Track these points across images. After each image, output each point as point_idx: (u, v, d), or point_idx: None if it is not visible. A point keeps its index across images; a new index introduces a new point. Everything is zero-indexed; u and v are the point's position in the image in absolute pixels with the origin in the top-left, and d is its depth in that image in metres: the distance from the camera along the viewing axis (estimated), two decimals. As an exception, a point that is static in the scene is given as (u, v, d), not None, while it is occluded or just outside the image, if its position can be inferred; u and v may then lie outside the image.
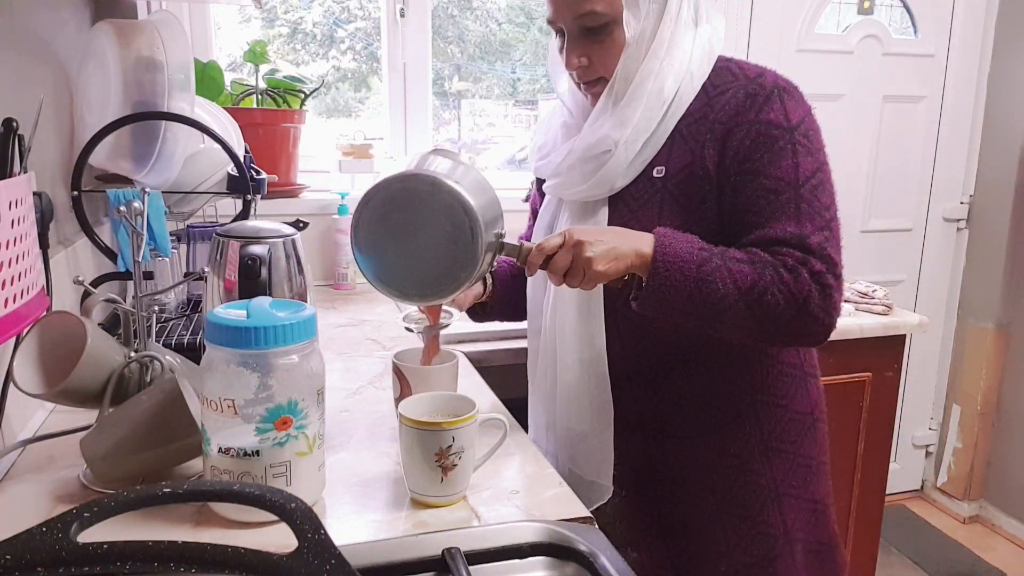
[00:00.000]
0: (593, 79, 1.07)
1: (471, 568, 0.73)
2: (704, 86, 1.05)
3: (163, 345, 1.11)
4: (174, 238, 1.50)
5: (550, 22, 1.07)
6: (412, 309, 1.15)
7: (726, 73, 1.05)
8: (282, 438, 0.78)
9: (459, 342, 1.53)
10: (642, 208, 1.05)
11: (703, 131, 1.02)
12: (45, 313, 0.87)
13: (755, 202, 0.99)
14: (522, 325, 1.59)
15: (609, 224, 1.07)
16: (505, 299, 1.27)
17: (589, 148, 1.07)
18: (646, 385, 1.11)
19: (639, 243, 0.96)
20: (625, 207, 1.07)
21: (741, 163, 0.99)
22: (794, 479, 1.11)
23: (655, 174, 1.05)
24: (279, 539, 0.75)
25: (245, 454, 0.78)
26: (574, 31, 1.04)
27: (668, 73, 1.03)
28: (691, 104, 1.04)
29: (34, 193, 0.88)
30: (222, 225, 1.19)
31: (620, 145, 1.04)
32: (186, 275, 1.50)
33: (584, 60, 1.05)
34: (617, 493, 1.12)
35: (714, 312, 0.95)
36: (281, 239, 1.12)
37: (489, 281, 1.26)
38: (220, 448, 0.79)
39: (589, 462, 1.13)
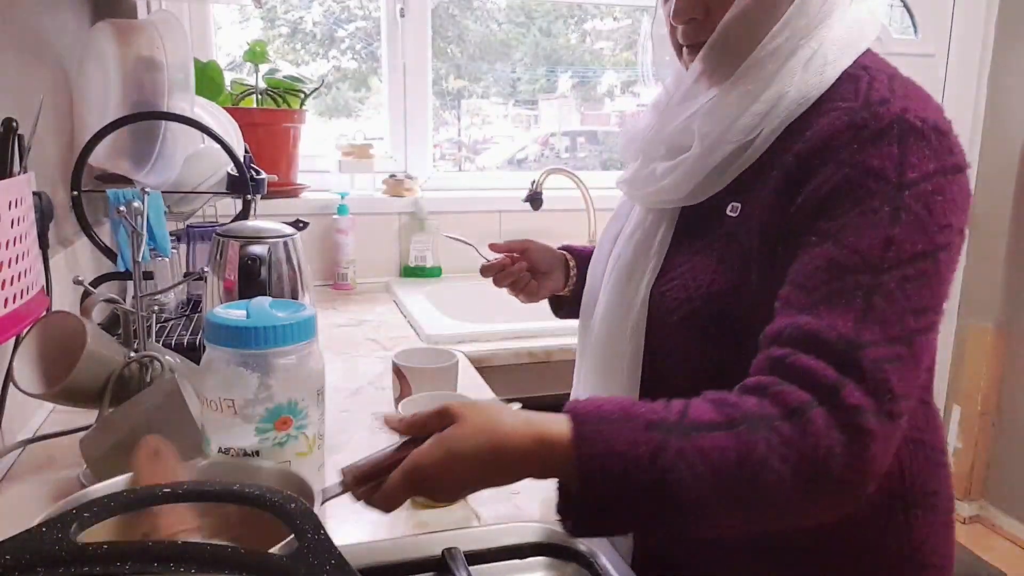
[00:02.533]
0: (702, 42, 0.78)
1: (471, 568, 0.73)
2: (819, 98, 0.74)
3: (163, 345, 1.11)
4: (174, 238, 1.50)
5: None
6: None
7: (850, 84, 0.73)
8: (282, 438, 0.78)
9: (459, 342, 1.53)
10: (704, 249, 0.78)
11: (776, 164, 0.73)
12: (45, 313, 0.87)
13: (812, 276, 0.67)
14: (521, 324, 1.60)
15: (668, 253, 0.82)
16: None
17: (672, 133, 0.82)
18: None
19: (523, 459, 0.62)
20: (687, 239, 0.81)
21: (811, 216, 0.69)
22: None
23: (729, 211, 0.77)
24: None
25: (245, 454, 0.77)
26: None
27: (801, 61, 0.74)
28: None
29: (34, 193, 0.88)
30: (222, 225, 1.19)
31: (704, 142, 0.77)
32: (186, 275, 1.50)
33: (699, 13, 0.77)
34: None
35: (684, 518, 0.61)
36: (281, 239, 1.12)
37: (572, 272, 1.08)
38: (220, 448, 0.78)
39: None
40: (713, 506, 0.60)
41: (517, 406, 0.65)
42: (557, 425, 0.63)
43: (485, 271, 1.08)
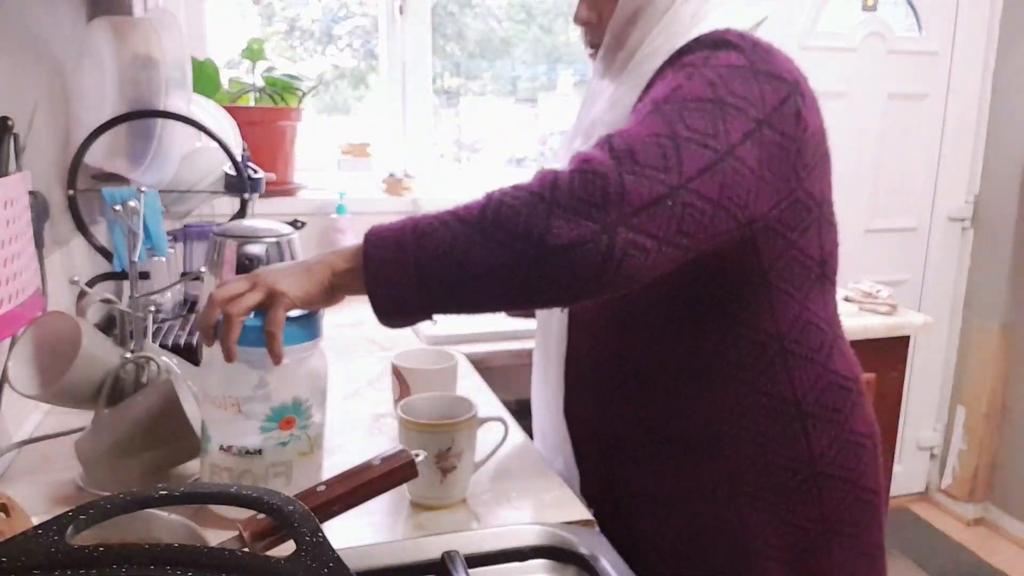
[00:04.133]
0: (599, 42, 0.92)
1: (471, 571, 0.73)
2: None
3: (159, 346, 1.10)
4: (171, 237, 1.49)
5: None
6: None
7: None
8: (285, 438, 0.78)
9: (459, 342, 1.52)
10: None
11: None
12: (40, 313, 0.86)
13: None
14: (521, 325, 1.59)
15: None
16: None
17: (587, 128, 0.93)
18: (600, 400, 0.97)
19: (342, 249, 0.78)
20: None
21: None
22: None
23: None
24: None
25: (247, 452, 0.77)
26: None
27: (673, 49, 0.86)
28: None
29: (29, 192, 0.87)
30: (219, 224, 1.18)
31: (608, 131, 0.84)
32: (183, 275, 1.49)
33: (593, 18, 0.91)
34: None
35: (455, 266, 0.72)
36: (278, 239, 1.12)
37: None
38: (221, 446, 0.78)
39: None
40: (471, 250, 0.71)
41: (422, 456, 0.70)
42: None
43: None
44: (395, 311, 0.77)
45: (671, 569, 0.93)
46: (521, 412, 1.17)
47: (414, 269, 0.72)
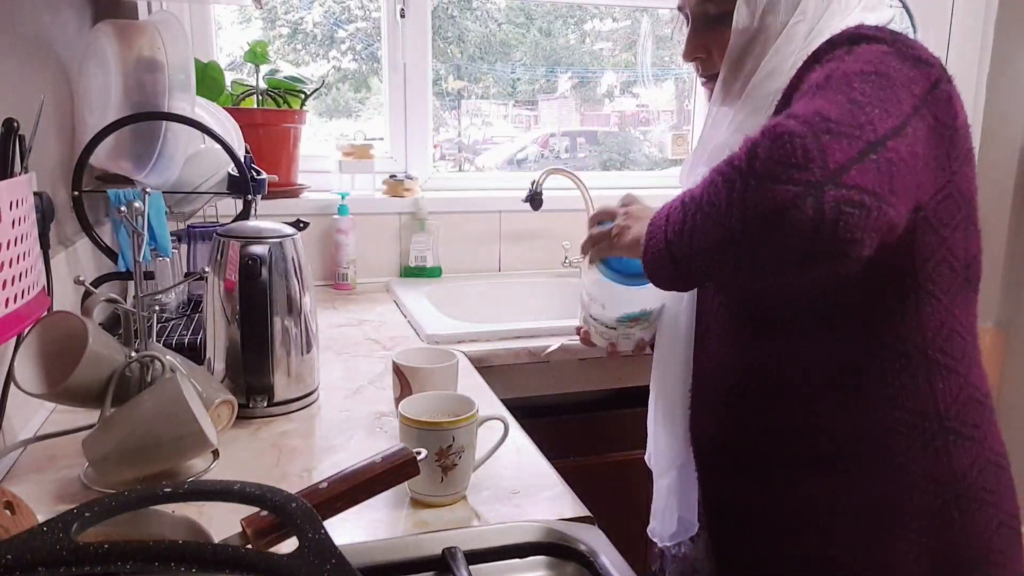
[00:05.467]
0: (712, 74, 0.95)
1: (471, 567, 0.73)
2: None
3: (164, 345, 1.11)
4: (175, 238, 1.50)
5: (679, 8, 0.97)
6: None
7: None
8: (626, 329, 1.07)
9: (459, 342, 1.53)
10: None
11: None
12: (46, 313, 0.87)
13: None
14: (521, 324, 1.60)
15: None
16: None
17: (710, 153, 0.94)
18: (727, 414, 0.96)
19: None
20: None
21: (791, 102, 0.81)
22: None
23: None
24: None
25: (606, 327, 1.07)
26: (697, 17, 0.93)
27: (798, 65, 0.85)
28: None
29: (35, 193, 0.88)
30: (223, 225, 1.19)
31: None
32: (187, 275, 1.50)
33: (702, 53, 0.94)
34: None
35: (690, 243, 0.74)
36: (281, 239, 1.12)
37: None
38: (592, 315, 1.08)
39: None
40: (699, 225, 0.73)
41: (423, 454, 0.72)
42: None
43: None
44: (666, 281, 0.81)
45: None
46: (521, 410, 1.18)
47: (665, 246, 0.77)
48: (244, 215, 1.43)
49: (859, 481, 0.84)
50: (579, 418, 1.61)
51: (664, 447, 1.04)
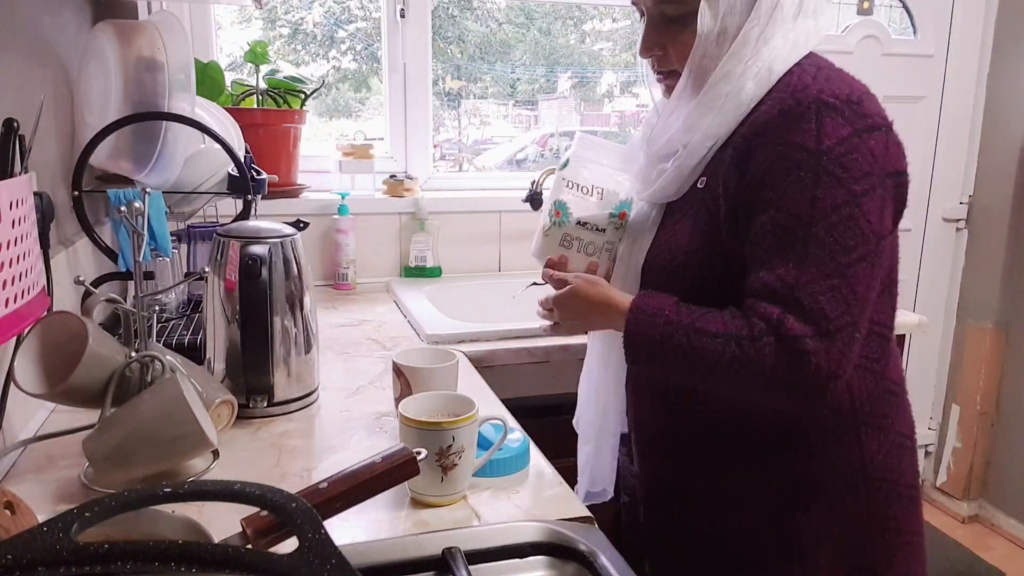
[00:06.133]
0: (668, 70, 1.00)
1: (471, 567, 0.73)
2: (768, 90, 0.93)
3: (163, 345, 1.11)
4: (175, 238, 1.50)
5: (633, 3, 1.00)
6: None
7: (786, 79, 0.91)
8: (617, 223, 1.08)
9: (459, 342, 1.53)
10: (682, 219, 0.99)
11: (728, 145, 0.93)
12: (46, 313, 0.87)
13: (763, 237, 0.88)
14: (521, 324, 1.60)
15: (657, 232, 1.02)
16: None
17: (661, 146, 1.00)
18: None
19: (611, 319, 0.98)
20: (670, 216, 1.02)
21: (756, 190, 0.88)
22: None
23: (699, 184, 0.97)
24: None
25: (596, 229, 1.08)
26: (654, 16, 0.97)
27: (750, 75, 0.92)
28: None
29: (35, 193, 0.88)
30: (223, 225, 1.19)
31: (686, 151, 0.96)
32: (187, 275, 1.50)
33: (659, 51, 0.98)
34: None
35: (691, 383, 0.96)
36: (281, 239, 1.12)
37: None
38: (578, 220, 1.08)
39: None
40: (689, 375, 0.92)
41: (423, 454, 0.73)
42: (626, 303, 0.96)
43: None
44: (639, 351, 0.95)
45: (717, 560, 1.01)
46: (520, 410, 1.18)
47: (662, 370, 0.96)
48: (244, 215, 1.43)
49: (779, 465, 0.97)
50: (579, 418, 1.61)
51: (592, 418, 1.17)
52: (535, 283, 1.22)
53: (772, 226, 0.87)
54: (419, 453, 0.71)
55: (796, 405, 0.91)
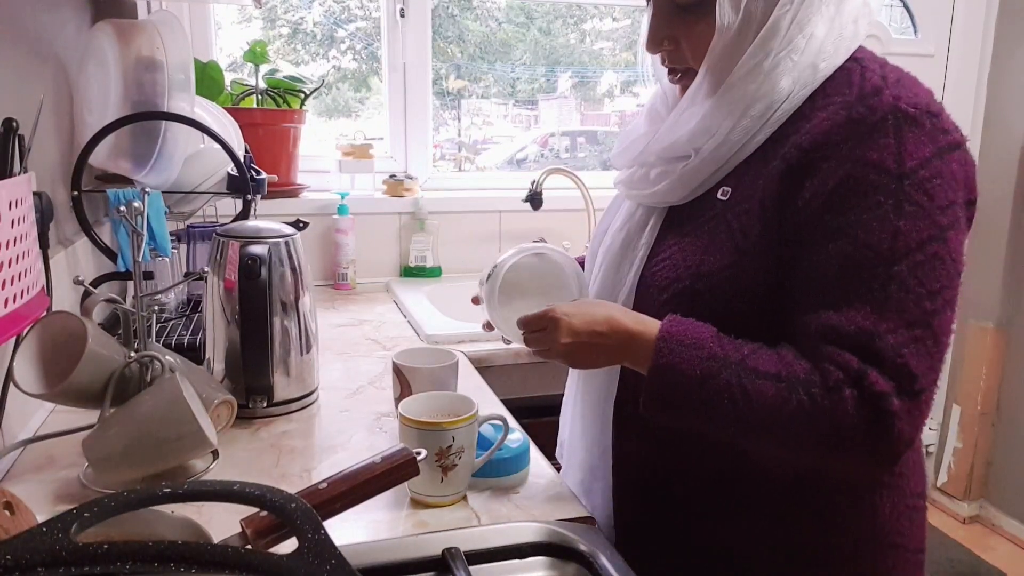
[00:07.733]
0: (682, 68, 0.86)
1: (471, 568, 0.73)
2: (814, 91, 0.79)
3: (163, 345, 1.11)
4: (174, 238, 1.50)
5: None
6: None
7: (844, 79, 0.78)
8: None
9: (459, 342, 1.53)
10: (693, 233, 0.84)
11: (777, 154, 0.78)
12: (45, 313, 0.87)
13: (827, 271, 0.73)
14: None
15: (655, 245, 0.88)
16: None
17: (665, 149, 0.87)
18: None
19: (631, 351, 0.80)
20: (677, 226, 0.86)
21: (820, 213, 0.74)
22: None
23: (719, 195, 0.82)
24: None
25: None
26: (663, 4, 0.83)
27: (786, 71, 0.78)
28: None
29: (34, 193, 0.88)
30: (222, 225, 1.19)
31: (700, 155, 0.83)
32: (186, 275, 1.50)
33: (669, 45, 0.84)
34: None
35: (732, 435, 0.78)
36: (281, 239, 1.12)
37: None
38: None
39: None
40: (748, 436, 0.76)
41: (423, 454, 0.71)
42: (650, 330, 0.79)
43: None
44: (657, 418, 0.80)
45: None
46: (520, 410, 1.18)
47: (692, 419, 0.78)
48: (244, 215, 1.43)
49: (791, 526, 0.84)
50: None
51: (582, 468, 1.00)
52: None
53: (842, 259, 0.72)
54: (419, 453, 0.70)
55: (864, 471, 0.79)
